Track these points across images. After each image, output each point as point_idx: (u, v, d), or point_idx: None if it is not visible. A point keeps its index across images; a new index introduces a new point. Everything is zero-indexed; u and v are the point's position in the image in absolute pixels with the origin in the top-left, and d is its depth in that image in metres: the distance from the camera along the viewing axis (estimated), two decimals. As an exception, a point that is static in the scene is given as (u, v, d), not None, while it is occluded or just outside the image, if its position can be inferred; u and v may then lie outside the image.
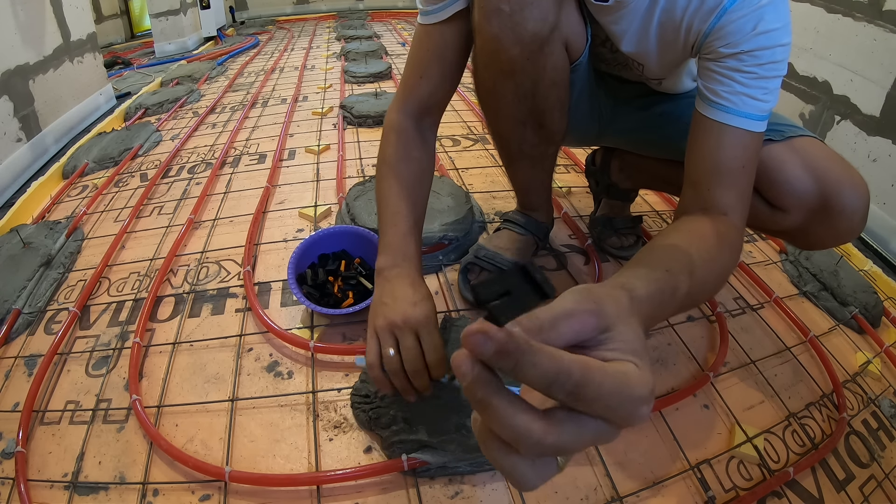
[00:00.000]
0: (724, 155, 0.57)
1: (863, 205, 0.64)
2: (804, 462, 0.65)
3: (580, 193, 1.23)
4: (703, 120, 0.59)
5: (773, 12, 0.53)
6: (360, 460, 0.64)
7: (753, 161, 0.59)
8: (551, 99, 0.71)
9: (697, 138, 0.60)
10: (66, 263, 1.00)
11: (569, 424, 0.25)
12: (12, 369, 0.78)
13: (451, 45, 0.69)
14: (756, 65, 0.55)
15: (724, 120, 0.57)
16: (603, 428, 0.25)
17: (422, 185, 0.71)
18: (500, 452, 0.26)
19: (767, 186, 0.66)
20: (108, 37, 3.34)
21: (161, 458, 0.64)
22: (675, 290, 0.42)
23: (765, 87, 0.55)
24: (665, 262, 0.45)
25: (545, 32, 0.63)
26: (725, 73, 0.56)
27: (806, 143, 0.65)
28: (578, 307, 0.28)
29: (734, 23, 0.54)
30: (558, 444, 0.24)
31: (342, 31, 3.09)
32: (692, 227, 0.55)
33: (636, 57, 0.68)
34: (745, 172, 0.58)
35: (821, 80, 1.43)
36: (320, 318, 0.84)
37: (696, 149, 0.60)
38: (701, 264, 0.48)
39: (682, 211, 0.61)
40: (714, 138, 0.58)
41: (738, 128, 0.56)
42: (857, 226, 0.65)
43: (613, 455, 0.65)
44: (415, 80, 0.71)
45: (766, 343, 0.85)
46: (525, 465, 0.26)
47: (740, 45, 0.54)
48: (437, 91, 0.72)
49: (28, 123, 1.49)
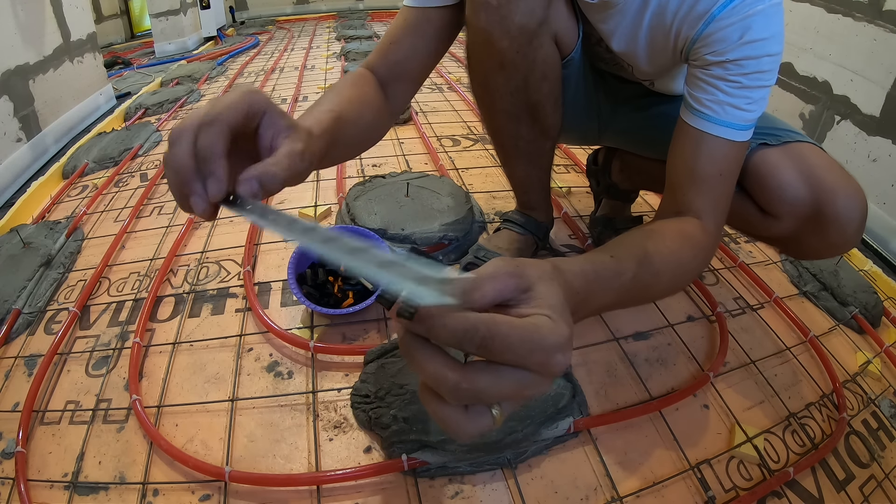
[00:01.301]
0: (702, 162, 0.57)
1: (858, 215, 0.62)
2: (804, 462, 0.65)
3: (580, 193, 1.23)
4: (684, 127, 0.59)
5: (762, 22, 0.52)
6: (360, 460, 0.64)
7: (733, 170, 0.59)
8: (543, 92, 0.71)
9: (678, 144, 0.60)
10: (66, 263, 1.00)
11: (485, 373, 0.27)
12: (12, 369, 0.78)
13: (431, 22, 0.67)
14: (741, 74, 0.54)
15: (705, 128, 0.57)
16: (523, 376, 0.28)
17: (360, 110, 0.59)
18: (433, 402, 0.29)
19: (759, 191, 0.65)
20: (108, 37, 3.34)
21: (161, 458, 0.64)
22: (619, 274, 0.43)
23: (749, 97, 0.55)
24: (610, 249, 0.46)
25: (533, 25, 0.64)
26: (710, 80, 0.56)
27: (803, 148, 0.65)
28: (500, 270, 0.31)
29: (721, 31, 0.54)
30: (475, 389, 0.27)
31: (342, 31, 3.09)
32: (657, 225, 0.56)
33: (625, 57, 0.68)
34: (722, 181, 0.58)
35: (821, 80, 1.43)
36: (320, 318, 0.84)
37: (676, 154, 0.61)
38: (656, 255, 0.48)
39: (659, 215, 0.62)
40: (693, 146, 0.58)
41: (719, 137, 0.56)
42: (851, 237, 0.63)
43: (613, 455, 0.65)
44: (385, 44, 0.68)
45: (766, 343, 0.85)
46: (457, 413, 0.29)
47: (726, 54, 0.54)
48: (409, 61, 0.68)
49: (28, 123, 1.49)
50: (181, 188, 0.34)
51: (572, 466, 0.64)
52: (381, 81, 0.67)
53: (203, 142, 0.34)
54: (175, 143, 0.34)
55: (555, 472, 0.63)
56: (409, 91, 0.72)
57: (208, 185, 0.34)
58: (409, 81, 0.71)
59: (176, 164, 0.34)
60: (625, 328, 0.84)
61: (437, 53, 0.71)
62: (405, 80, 0.70)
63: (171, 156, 0.34)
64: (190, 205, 0.35)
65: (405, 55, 0.68)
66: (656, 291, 0.52)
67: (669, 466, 0.65)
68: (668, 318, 0.87)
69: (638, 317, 0.86)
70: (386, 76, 0.67)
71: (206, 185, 0.34)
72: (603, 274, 0.42)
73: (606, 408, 0.71)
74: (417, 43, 0.68)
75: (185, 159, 0.34)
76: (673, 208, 0.60)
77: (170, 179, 0.35)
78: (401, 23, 0.68)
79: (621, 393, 0.74)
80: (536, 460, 0.64)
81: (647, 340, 0.82)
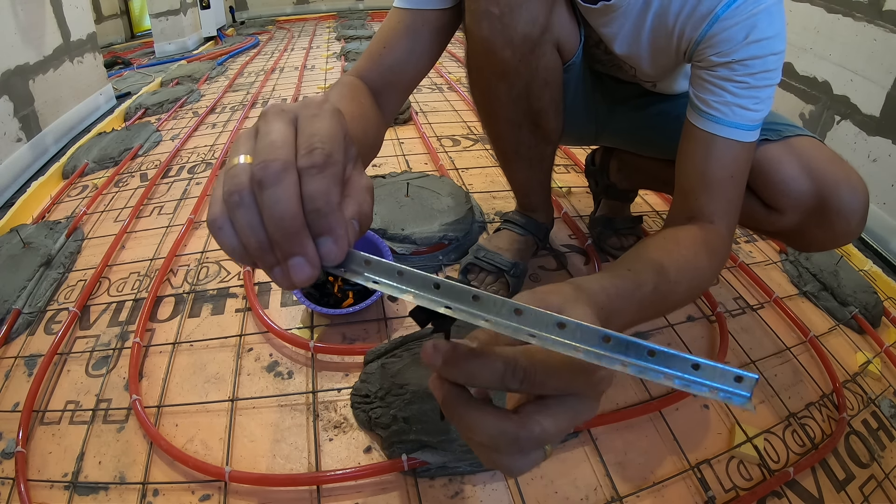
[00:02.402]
0: (713, 165, 0.57)
1: (861, 207, 0.62)
2: (804, 462, 0.65)
3: (580, 193, 1.23)
4: (693, 130, 0.59)
5: (766, 20, 0.52)
6: (360, 460, 0.64)
7: (743, 171, 0.59)
8: (545, 99, 0.71)
9: (687, 148, 0.60)
10: (66, 263, 1.00)
11: (540, 415, 0.26)
12: (12, 369, 0.78)
13: (428, 24, 0.63)
14: (748, 74, 0.54)
15: (714, 130, 0.56)
16: (575, 404, 0.26)
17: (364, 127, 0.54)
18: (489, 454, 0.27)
19: (763, 186, 0.65)
20: (108, 37, 3.34)
21: (161, 458, 0.64)
22: (639, 286, 0.43)
23: (756, 97, 0.55)
24: (627, 262, 0.46)
25: (536, 34, 0.63)
26: (717, 82, 0.56)
27: (804, 142, 0.65)
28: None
29: (726, 31, 0.53)
30: (534, 435, 0.26)
31: (342, 31, 3.09)
32: (670, 233, 0.56)
33: (628, 59, 0.68)
34: (733, 183, 0.58)
35: (821, 80, 1.43)
36: (320, 318, 0.84)
37: (686, 158, 0.60)
38: (672, 265, 0.48)
39: (670, 220, 0.62)
40: (704, 149, 0.58)
41: (729, 138, 0.56)
42: (855, 228, 0.64)
43: (613, 455, 0.65)
44: (377, 48, 0.63)
45: (766, 343, 0.85)
46: (512, 458, 0.27)
47: (732, 55, 0.54)
48: (402, 65, 0.64)
49: (28, 123, 1.49)
50: (284, 246, 0.24)
51: (572, 466, 0.64)
52: (373, 90, 0.62)
53: (314, 188, 0.24)
54: (274, 184, 0.24)
55: (555, 472, 0.63)
56: (399, 100, 0.67)
57: (323, 245, 0.25)
58: (401, 89, 0.66)
59: (281, 215, 0.24)
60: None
61: (433, 58, 0.67)
62: (397, 87, 0.66)
63: (274, 202, 0.24)
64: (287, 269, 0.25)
65: (398, 59, 0.63)
66: (676, 301, 0.52)
67: (669, 466, 0.65)
68: (668, 318, 0.87)
69: (638, 317, 0.86)
70: (378, 83, 0.63)
71: (320, 244, 0.25)
72: (623, 289, 0.41)
73: (606, 408, 0.71)
74: (413, 46, 0.64)
75: (294, 208, 0.24)
76: (685, 213, 0.60)
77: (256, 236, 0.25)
78: (393, 25, 0.64)
79: (621, 393, 0.74)
80: (536, 460, 0.64)
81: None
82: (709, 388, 0.23)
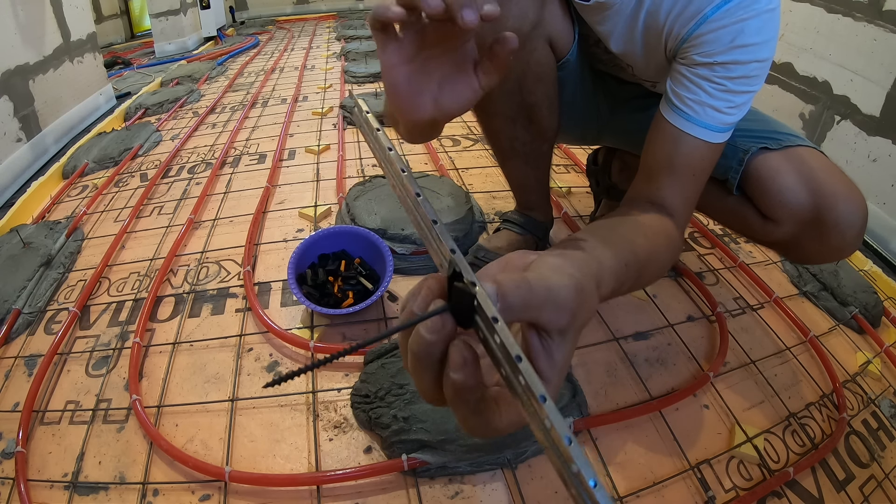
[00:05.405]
0: (678, 160, 0.57)
1: (858, 221, 0.61)
2: (804, 462, 0.65)
3: (580, 193, 1.23)
4: (662, 121, 0.59)
5: (755, 26, 0.52)
6: (360, 460, 0.64)
7: (706, 170, 0.59)
8: (538, 94, 0.71)
9: (656, 138, 0.60)
10: (66, 263, 1.00)
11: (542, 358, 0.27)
12: (12, 369, 0.78)
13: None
14: (727, 77, 0.54)
15: (683, 127, 0.57)
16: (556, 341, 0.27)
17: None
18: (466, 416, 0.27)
19: (760, 195, 0.65)
20: (108, 37, 3.34)
21: (161, 458, 0.64)
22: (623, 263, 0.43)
23: (731, 101, 0.55)
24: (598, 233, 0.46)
25: (525, 29, 0.63)
26: (695, 80, 0.56)
27: (804, 153, 0.64)
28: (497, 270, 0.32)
29: (713, 32, 0.53)
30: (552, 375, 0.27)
31: (342, 31, 3.09)
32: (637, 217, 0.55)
33: (624, 57, 0.68)
34: (694, 181, 0.58)
35: (821, 80, 1.43)
36: (320, 318, 0.84)
37: (654, 148, 0.60)
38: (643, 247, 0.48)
39: (632, 196, 0.61)
40: (671, 143, 0.58)
41: (696, 137, 0.56)
42: (851, 243, 0.63)
43: (613, 455, 0.65)
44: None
45: (766, 343, 0.85)
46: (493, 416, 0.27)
47: (715, 56, 0.54)
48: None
49: (28, 123, 1.49)
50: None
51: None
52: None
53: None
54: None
55: (554, 473, 0.63)
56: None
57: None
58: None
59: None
60: (625, 328, 0.84)
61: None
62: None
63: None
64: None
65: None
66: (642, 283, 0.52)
67: (669, 466, 0.65)
68: (668, 318, 0.87)
69: (638, 317, 0.86)
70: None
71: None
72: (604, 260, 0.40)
73: (606, 408, 0.71)
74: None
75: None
76: (647, 196, 0.59)
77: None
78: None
79: (621, 393, 0.74)
80: (536, 460, 0.64)
81: (647, 340, 0.82)
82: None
